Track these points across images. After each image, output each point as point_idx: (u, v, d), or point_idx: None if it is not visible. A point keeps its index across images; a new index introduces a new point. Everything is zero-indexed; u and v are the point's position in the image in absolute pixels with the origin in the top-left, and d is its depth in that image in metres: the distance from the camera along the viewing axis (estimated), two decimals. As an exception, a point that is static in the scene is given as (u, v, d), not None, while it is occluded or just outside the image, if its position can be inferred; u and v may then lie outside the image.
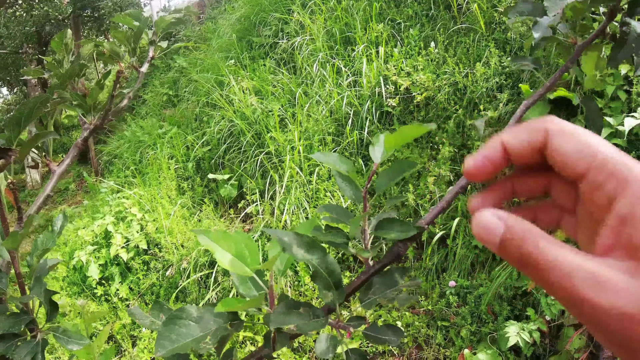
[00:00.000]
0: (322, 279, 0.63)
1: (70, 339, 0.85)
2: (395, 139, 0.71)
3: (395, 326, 0.67)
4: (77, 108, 1.08)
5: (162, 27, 1.25)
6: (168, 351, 0.59)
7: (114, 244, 4.75)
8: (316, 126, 4.81)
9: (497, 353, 3.36)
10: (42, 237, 0.87)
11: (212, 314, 0.63)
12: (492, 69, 4.20)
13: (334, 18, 5.68)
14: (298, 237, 0.62)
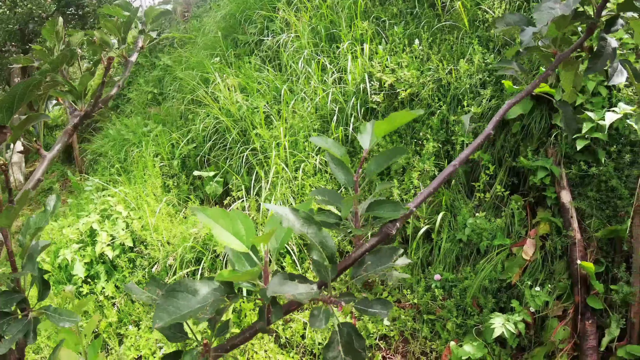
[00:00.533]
0: (317, 251, 0.65)
1: (61, 317, 0.86)
2: (386, 125, 0.73)
3: (384, 300, 0.69)
4: (67, 94, 1.09)
5: (151, 16, 1.26)
6: (166, 322, 0.61)
7: (100, 242, 4.73)
8: (301, 122, 4.83)
9: (483, 345, 3.41)
10: (34, 217, 0.88)
11: (210, 287, 0.65)
12: (475, 65, 4.25)
13: (319, 16, 5.70)
14: (295, 212, 0.65)
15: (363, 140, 0.79)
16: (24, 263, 0.87)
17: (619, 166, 3.49)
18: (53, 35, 1.14)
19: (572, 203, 3.59)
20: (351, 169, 0.82)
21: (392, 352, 3.76)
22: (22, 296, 0.85)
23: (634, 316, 3.24)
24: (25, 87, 0.80)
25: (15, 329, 0.82)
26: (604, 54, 0.92)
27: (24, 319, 0.85)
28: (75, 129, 1.13)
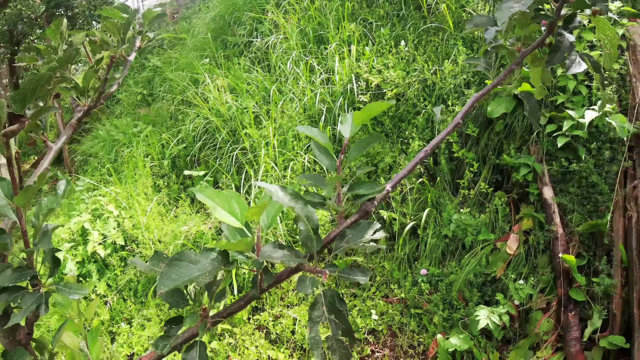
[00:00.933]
0: (303, 223, 0.74)
1: (71, 290, 0.94)
2: (363, 115, 0.83)
3: (363, 268, 0.78)
4: (71, 90, 1.17)
5: (149, 18, 1.34)
6: (170, 287, 0.69)
7: (91, 241, 4.78)
8: (290, 122, 4.92)
9: (469, 337, 3.51)
10: (46, 200, 0.96)
11: (208, 257, 0.73)
12: (459, 66, 4.36)
13: (307, 17, 5.79)
14: (284, 188, 0.73)
15: (344, 130, 0.88)
16: (38, 240, 0.94)
17: (599, 162, 3.60)
18: (57, 35, 1.21)
19: (554, 199, 3.70)
20: (334, 155, 0.91)
21: (380, 346, 3.85)
22: (34, 272, 0.93)
23: (616, 307, 3.35)
24: (37, 82, 0.87)
25: (29, 301, 0.89)
26: (561, 48, 1.02)
27: (36, 292, 0.92)
28: (79, 122, 1.21)
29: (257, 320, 4.06)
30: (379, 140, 0.89)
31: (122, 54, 1.35)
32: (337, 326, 0.72)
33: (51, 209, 0.93)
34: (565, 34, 1.01)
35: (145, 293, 4.54)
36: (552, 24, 1.01)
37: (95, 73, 1.17)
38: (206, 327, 0.77)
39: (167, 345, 0.77)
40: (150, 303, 4.40)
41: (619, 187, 3.53)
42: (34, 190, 0.83)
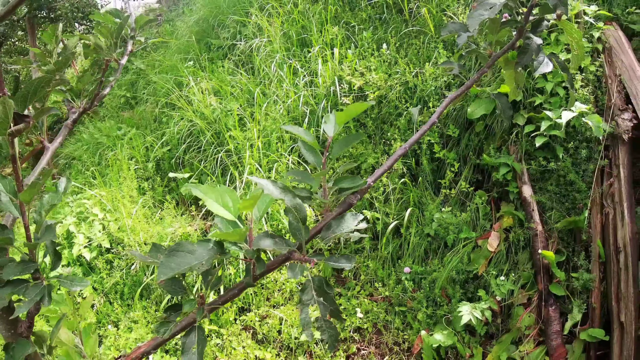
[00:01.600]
0: (292, 214, 0.80)
1: (73, 282, 0.99)
2: (345, 115, 0.89)
3: (348, 255, 0.84)
4: (67, 92, 1.21)
5: (141, 23, 1.39)
6: (169, 276, 0.75)
7: (77, 244, 4.78)
8: (274, 124, 4.97)
9: (453, 333, 3.59)
10: (47, 196, 1.00)
11: (205, 247, 0.78)
12: (440, 69, 4.44)
13: (290, 21, 5.85)
14: (274, 182, 0.79)
15: (327, 128, 0.94)
16: (40, 236, 0.99)
17: (576, 161, 3.70)
18: (53, 39, 1.26)
19: (533, 197, 3.80)
20: (319, 153, 0.97)
21: (366, 344, 3.91)
22: (36, 265, 0.97)
23: (595, 301, 3.46)
24: (38, 84, 0.92)
25: (33, 293, 0.94)
26: (529, 50, 1.10)
27: (38, 285, 0.97)
28: (74, 123, 1.25)
29: (244, 320, 4.11)
30: (360, 138, 0.95)
31: (115, 58, 1.40)
32: (325, 308, 0.78)
33: (53, 205, 0.98)
34: (533, 37, 1.09)
35: (132, 296, 4.56)
36: (521, 28, 1.08)
37: (91, 76, 1.22)
38: (203, 314, 0.83)
39: (168, 330, 0.82)
40: (136, 305, 4.42)
41: (596, 184, 3.64)
42: (39, 186, 0.88)
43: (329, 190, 0.91)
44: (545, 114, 3.72)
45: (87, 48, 1.31)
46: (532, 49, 1.09)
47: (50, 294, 0.95)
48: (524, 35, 1.09)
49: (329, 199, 0.89)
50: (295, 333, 3.92)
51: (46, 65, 1.27)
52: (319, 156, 0.95)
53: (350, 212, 0.89)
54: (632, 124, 3.58)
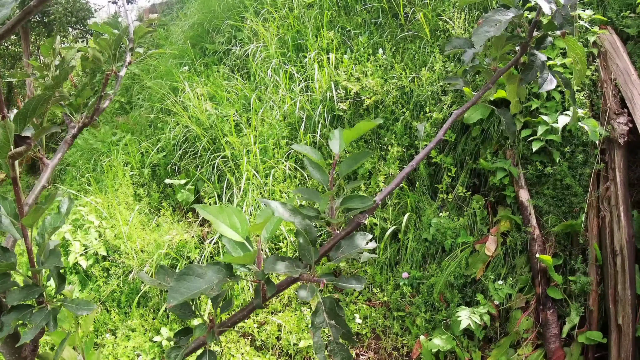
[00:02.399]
0: (302, 236, 0.79)
1: (78, 306, 0.97)
2: (352, 133, 0.89)
3: (358, 275, 0.83)
4: (67, 107, 1.20)
5: (139, 35, 1.38)
6: (179, 301, 0.74)
7: (73, 252, 4.75)
8: (270, 130, 4.96)
9: (452, 337, 3.59)
10: (50, 218, 0.99)
11: (214, 271, 0.78)
12: (436, 73, 4.45)
13: (286, 26, 5.85)
14: (284, 205, 0.79)
15: (333, 146, 0.94)
16: (43, 259, 0.98)
17: (572, 165, 3.71)
18: (51, 51, 1.25)
19: (530, 201, 3.80)
20: (326, 172, 0.96)
21: (364, 349, 3.91)
22: (40, 290, 0.96)
23: (592, 304, 3.46)
24: (37, 102, 0.91)
25: (38, 319, 0.93)
26: (534, 67, 1.10)
27: (43, 310, 0.96)
28: (74, 138, 1.24)
29: (242, 327, 4.09)
30: (369, 155, 0.95)
31: (114, 70, 1.39)
32: (338, 330, 0.77)
33: (56, 227, 0.97)
34: (537, 53, 1.09)
35: (129, 304, 4.53)
36: (525, 44, 1.08)
37: (91, 90, 1.21)
38: (214, 337, 0.82)
39: (179, 355, 0.81)
40: (134, 314, 4.40)
41: (593, 188, 3.65)
42: (43, 211, 0.87)
43: (337, 209, 0.90)
44: (541, 119, 3.73)
45: (86, 60, 1.30)
46: (536, 66, 1.09)
47: (55, 318, 0.94)
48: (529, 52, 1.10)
49: (338, 218, 0.89)
50: (294, 339, 3.91)
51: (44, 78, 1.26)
52: (326, 175, 0.94)
53: (359, 231, 0.88)
54: (628, 128, 3.59)
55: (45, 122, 1.18)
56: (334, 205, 0.92)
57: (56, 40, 1.34)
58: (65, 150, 1.25)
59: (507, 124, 1.18)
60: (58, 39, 1.33)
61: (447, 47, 1.20)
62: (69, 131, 1.31)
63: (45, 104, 0.94)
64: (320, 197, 0.91)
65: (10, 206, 0.97)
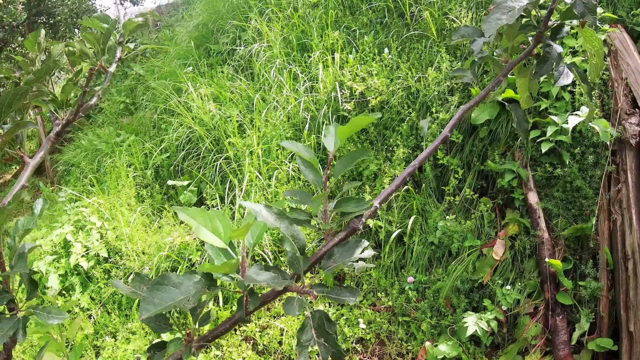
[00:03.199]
0: (289, 243, 0.72)
1: (50, 314, 0.90)
2: (348, 129, 0.81)
3: (352, 287, 0.76)
4: (50, 103, 1.13)
5: (129, 29, 1.31)
6: (152, 313, 0.66)
7: (74, 253, 4.70)
8: (274, 131, 4.89)
9: (458, 344, 3.50)
10: (22, 220, 0.92)
11: (191, 280, 0.70)
12: (443, 73, 4.37)
13: (290, 25, 5.78)
14: (268, 208, 0.71)
15: (328, 143, 0.86)
16: (14, 262, 0.91)
17: (583, 167, 3.62)
18: (35, 46, 1.18)
19: (539, 204, 3.71)
20: (320, 171, 0.89)
21: (369, 355, 3.82)
22: (11, 296, 0.89)
23: (603, 310, 3.37)
24: (13, 96, 0.84)
25: (6, 327, 0.86)
26: (549, 59, 1.01)
27: (13, 317, 0.89)
28: (58, 136, 1.17)
29: (244, 331, 4.02)
30: (366, 154, 0.87)
31: (102, 65, 1.32)
32: (327, 350, 0.70)
33: (27, 229, 0.90)
34: (553, 44, 1.01)
35: (130, 306, 4.47)
36: (540, 34, 1.00)
37: (74, 85, 1.14)
38: (190, 352, 0.75)
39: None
40: (134, 316, 4.34)
41: (603, 190, 3.56)
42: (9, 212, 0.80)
43: (331, 213, 0.83)
44: (551, 119, 3.64)
45: (73, 55, 1.23)
46: (552, 58, 1.01)
47: (25, 327, 0.87)
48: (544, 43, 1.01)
49: (331, 223, 0.81)
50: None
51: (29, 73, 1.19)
52: (319, 175, 0.87)
53: (355, 238, 0.80)
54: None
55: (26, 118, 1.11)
56: (328, 208, 0.84)
57: (41, 35, 1.27)
58: (47, 148, 1.18)
59: (519, 121, 1.10)
60: (43, 32, 1.26)
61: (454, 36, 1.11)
62: (54, 128, 1.24)
63: (21, 99, 0.87)
64: (312, 199, 0.83)
65: (-19, 207, 0.90)
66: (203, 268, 0.65)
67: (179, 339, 0.76)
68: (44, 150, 1.16)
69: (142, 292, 0.77)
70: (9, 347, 0.98)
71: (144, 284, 0.79)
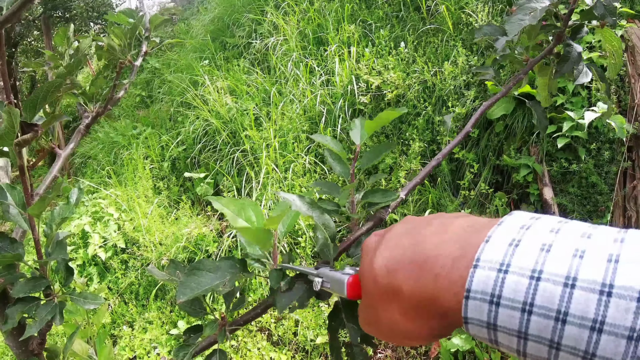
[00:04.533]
0: (320, 231, 0.75)
1: (86, 300, 0.94)
2: (375, 123, 0.83)
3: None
4: (80, 96, 1.17)
5: (155, 24, 1.35)
6: (189, 296, 0.69)
7: (92, 244, 4.77)
8: (290, 124, 4.92)
9: (471, 337, 3.52)
10: (58, 208, 0.96)
11: (227, 266, 0.73)
12: (459, 67, 4.36)
13: (306, 19, 5.79)
14: (301, 198, 0.74)
15: (354, 136, 0.89)
16: (51, 251, 0.95)
17: (598, 163, 3.61)
18: (65, 40, 1.21)
19: (554, 199, 3.71)
20: (347, 164, 0.91)
21: (382, 347, 3.85)
22: (48, 282, 0.93)
23: (615, 307, 3.37)
24: (47, 89, 0.87)
25: (44, 312, 0.89)
26: (570, 59, 1.03)
27: (50, 303, 0.92)
28: (88, 128, 1.21)
29: (259, 322, 4.07)
30: (392, 147, 0.89)
31: (129, 59, 1.36)
32: (356, 333, 0.73)
33: (64, 218, 0.93)
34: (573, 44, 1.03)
35: (147, 296, 4.54)
36: (560, 34, 1.02)
37: (104, 79, 1.17)
38: (225, 335, 0.78)
39: (188, 354, 0.77)
40: (151, 306, 4.40)
41: (619, 187, 3.55)
42: (49, 200, 0.83)
43: (358, 203, 0.85)
44: (567, 114, 3.63)
45: (100, 50, 1.26)
46: (573, 57, 1.03)
47: (62, 312, 0.91)
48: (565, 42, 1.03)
49: (358, 213, 0.84)
50: (311, 335, 3.88)
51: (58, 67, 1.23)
52: (347, 167, 0.90)
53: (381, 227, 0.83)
54: (658, 125, 3.48)
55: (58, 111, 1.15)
56: (355, 199, 0.87)
57: (70, 29, 1.31)
58: (78, 140, 1.22)
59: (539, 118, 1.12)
60: (72, 27, 1.30)
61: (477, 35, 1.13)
62: (83, 121, 1.28)
63: (56, 92, 0.91)
64: (340, 190, 0.86)
65: (18, 196, 0.94)
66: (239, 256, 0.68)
67: (214, 322, 0.79)
68: (75, 142, 1.20)
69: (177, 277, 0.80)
70: (44, 331, 1.02)
71: (179, 270, 0.82)
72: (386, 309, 0.50)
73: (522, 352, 0.39)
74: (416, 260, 0.46)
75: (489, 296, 0.39)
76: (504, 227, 0.43)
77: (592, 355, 0.35)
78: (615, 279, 0.34)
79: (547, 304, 0.37)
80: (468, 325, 0.42)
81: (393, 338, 0.52)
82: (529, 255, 0.39)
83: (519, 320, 0.38)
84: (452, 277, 0.43)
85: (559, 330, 0.36)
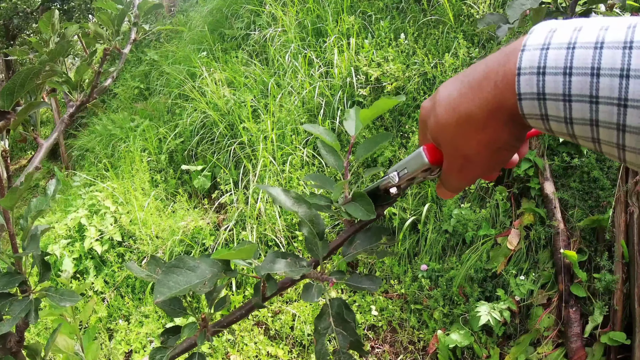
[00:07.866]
0: (307, 228, 0.69)
1: (62, 297, 0.89)
2: (370, 112, 0.78)
3: (373, 275, 0.73)
4: (63, 85, 1.12)
5: (144, 9, 1.29)
6: (167, 296, 0.65)
7: (88, 237, 4.73)
8: (289, 116, 4.86)
9: (470, 333, 3.48)
10: (35, 201, 0.91)
11: (208, 264, 0.68)
12: (460, 59, 4.30)
13: (305, 10, 5.73)
14: (286, 192, 0.69)
15: (348, 126, 0.83)
16: (27, 244, 0.90)
17: (600, 158, 3.56)
18: (49, 27, 1.16)
19: (555, 194, 3.66)
20: (341, 156, 0.86)
21: (380, 342, 3.82)
22: (23, 277, 0.88)
23: (617, 303, 3.32)
24: (25, 76, 0.82)
25: (18, 309, 0.85)
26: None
27: (25, 299, 0.88)
28: (71, 117, 1.16)
29: (256, 316, 4.03)
30: (389, 138, 0.84)
31: (116, 47, 1.30)
32: (345, 339, 0.68)
33: (40, 210, 0.88)
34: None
35: (143, 290, 4.50)
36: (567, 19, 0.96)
37: (88, 66, 1.12)
38: (205, 337, 0.73)
39: (164, 356, 0.72)
40: (148, 300, 4.37)
41: (621, 182, 3.49)
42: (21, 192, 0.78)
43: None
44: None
45: (87, 37, 1.21)
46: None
47: (37, 309, 0.86)
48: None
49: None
50: (308, 330, 3.84)
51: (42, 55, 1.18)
52: (341, 159, 0.84)
53: (377, 224, 0.78)
54: (661, 119, 3.43)
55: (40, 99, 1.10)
56: (349, 194, 0.81)
57: (55, 15, 1.25)
58: (61, 130, 1.16)
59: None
60: (57, 13, 1.24)
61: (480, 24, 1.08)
62: (67, 110, 1.22)
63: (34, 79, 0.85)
64: (333, 185, 0.80)
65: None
66: (218, 255, 0.63)
67: (194, 324, 0.74)
68: (58, 132, 1.14)
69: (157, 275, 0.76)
70: (22, 329, 0.97)
71: (159, 267, 0.77)
72: (468, 142, 0.55)
73: (569, 119, 0.46)
74: (473, 84, 0.53)
75: (536, 69, 0.46)
76: (540, 26, 0.50)
77: (625, 100, 0.41)
78: (634, 36, 0.41)
79: (583, 64, 0.43)
80: (522, 102, 0.48)
81: (489, 165, 0.58)
82: (565, 35, 0.46)
83: (562, 84, 0.45)
84: (508, 77, 0.49)
85: (595, 83, 0.43)
